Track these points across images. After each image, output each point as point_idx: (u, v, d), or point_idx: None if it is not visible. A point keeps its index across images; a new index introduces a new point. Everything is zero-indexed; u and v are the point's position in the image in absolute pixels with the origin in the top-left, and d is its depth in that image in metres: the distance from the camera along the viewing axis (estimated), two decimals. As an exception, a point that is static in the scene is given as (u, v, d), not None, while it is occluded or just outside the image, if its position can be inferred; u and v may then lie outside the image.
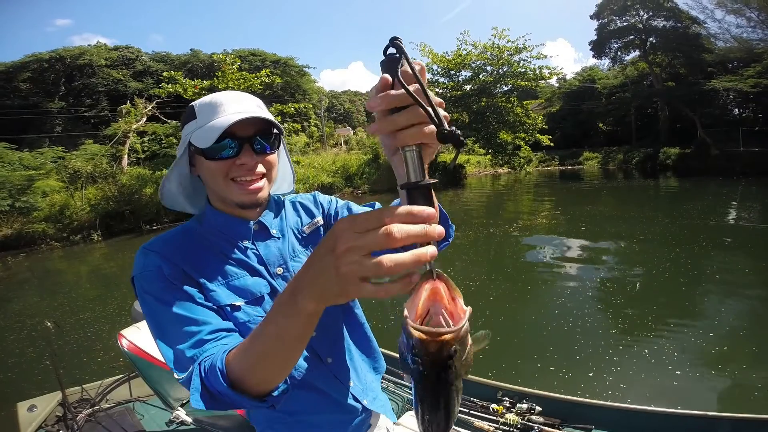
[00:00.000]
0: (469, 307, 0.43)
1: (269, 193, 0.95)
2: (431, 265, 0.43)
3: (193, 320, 0.74)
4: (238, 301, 0.83)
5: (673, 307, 4.82)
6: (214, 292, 0.81)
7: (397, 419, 1.61)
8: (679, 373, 3.41)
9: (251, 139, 0.84)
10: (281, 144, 0.95)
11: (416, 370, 0.42)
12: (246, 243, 0.91)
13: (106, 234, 14.90)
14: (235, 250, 0.89)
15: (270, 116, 0.86)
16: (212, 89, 15.41)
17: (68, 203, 15.12)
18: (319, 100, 35.64)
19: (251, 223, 0.92)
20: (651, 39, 27.89)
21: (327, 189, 19.01)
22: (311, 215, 1.02)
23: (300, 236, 0.98)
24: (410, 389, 2.40)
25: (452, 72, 22.72)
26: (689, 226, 9.02)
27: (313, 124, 34.15)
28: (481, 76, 22.15)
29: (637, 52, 29.59)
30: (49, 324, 2.76)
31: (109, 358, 4.46)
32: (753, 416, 1.85)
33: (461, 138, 0.44)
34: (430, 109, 0.43)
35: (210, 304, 0.80)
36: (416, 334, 0.39)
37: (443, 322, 0.42)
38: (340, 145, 31.07)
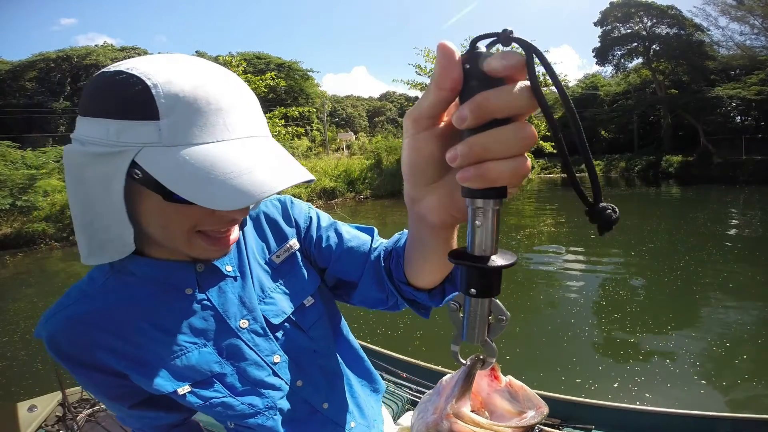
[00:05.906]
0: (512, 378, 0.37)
1: None
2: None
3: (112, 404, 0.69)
4: (183, 387, 0.63)
5: (685, 313, 4.77)
6: (149, 382, 0.62)
7: (398, 419, 1.59)
8: (704, 382, 3.36)
9: None
10: None
11: None
12: (189, 291, 0.64)
13: (107, 234, 14.90)
14: (174, 308, 0.63)
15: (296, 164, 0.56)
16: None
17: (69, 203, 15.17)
18: (321, 104, 35.79)
19: (196, 265, 0.65)
20: (654, 46, 27.98)
21: (329, 193, 19.07)
22: (282, 237, 0.74)
23: (269, 267, 0.71)
24: (410, 389, 2.37)
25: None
26: (696, 234, 8.98)
27: (315, 128, 34.26)
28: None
29: (641, 60, 29.67)
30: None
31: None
32: (753, 416, 1.84)
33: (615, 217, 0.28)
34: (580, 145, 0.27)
35: (146, 395, 0.66)
36: None
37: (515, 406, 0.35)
38: (342, 149, 31.15)
